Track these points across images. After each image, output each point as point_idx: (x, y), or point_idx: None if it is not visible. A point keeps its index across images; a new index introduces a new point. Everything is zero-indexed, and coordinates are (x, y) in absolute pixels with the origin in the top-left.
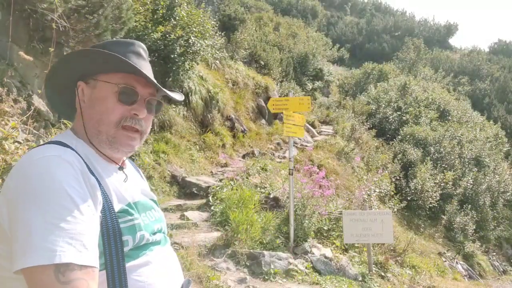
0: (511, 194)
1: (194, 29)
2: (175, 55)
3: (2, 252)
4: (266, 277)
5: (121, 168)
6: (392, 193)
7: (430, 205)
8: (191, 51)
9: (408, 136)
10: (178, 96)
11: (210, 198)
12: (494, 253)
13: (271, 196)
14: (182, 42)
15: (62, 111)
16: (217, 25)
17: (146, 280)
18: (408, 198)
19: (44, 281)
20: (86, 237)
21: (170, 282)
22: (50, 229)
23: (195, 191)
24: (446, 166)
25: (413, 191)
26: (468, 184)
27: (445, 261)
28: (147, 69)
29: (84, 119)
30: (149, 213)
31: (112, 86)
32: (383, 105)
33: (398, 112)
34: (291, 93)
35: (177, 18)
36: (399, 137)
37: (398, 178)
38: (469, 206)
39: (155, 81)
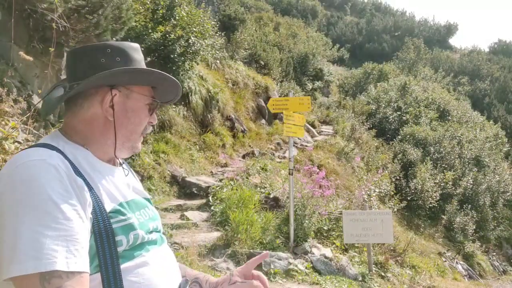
0: (511, 194)
1: (194, 29)
2: (175, 55)
3: None
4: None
5: (121, 164)
6: (392, 193)
7: (430, 205)
8: (191, 51)
9: (408, 136)
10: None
11: (210, 198)
12: (494, 253)
13: (271, 196)
14: (182, 42)
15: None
16: (217, 25)
17: (142, 281)
18: (408, 198)
19: None
20: (73, 242)
21: (168, 282)
22: (35, 236)
23: (195, 191)
24: (446, 166)
25: (413, 191)
26: (468, 184)
27: (445, 261)
28: None
29: (115, 126)
30: (143, 212)
31: (145, 98)
32: (383, 105)
33: (398, 112)
34: (291, 93)
35: (177, 18)
36: (399, 137)
37: (398, 178)
38: (469, 206)
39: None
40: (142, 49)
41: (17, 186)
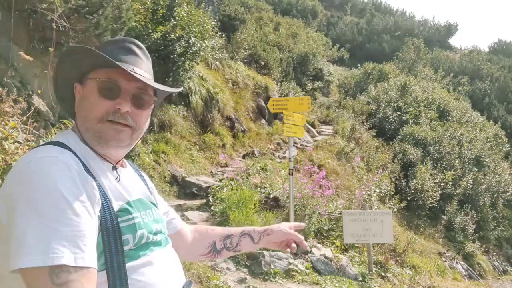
0: (511, 194)
1: (194, 29)
2: (175, 55)
3: (2, 250)
4: (266, 277)
5: (114, 167)
6: (392, 193)
7: (430, 205)
8: (191, 51)
9: (408, 136)
10: (167, 88)
11: (210, 198)
12: (494, 253)
13: (271, 196)
14: (182, 42)
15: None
16: (217, 25)
17: (147, 280)
18: (408, 198)
19: (38, 283)
20: (81, 238)
21: (171, 282)
22: (45, 231)
23: (195, 191)
24: (446, 166)
25: (413, 191)
26: (468, 184)
27: (445, 261)
28: (139, 65)
29: (76, 118)
30: (149, 212)
31: (94, 81)
32: (383, 105)
33: (398, 112)
34: (291, 93)
35: (177, 18)
36: (399, 137)
37: (398, 178)
38: (469, 206)
39: (130, 71)
40: None
41: (28, 181)
